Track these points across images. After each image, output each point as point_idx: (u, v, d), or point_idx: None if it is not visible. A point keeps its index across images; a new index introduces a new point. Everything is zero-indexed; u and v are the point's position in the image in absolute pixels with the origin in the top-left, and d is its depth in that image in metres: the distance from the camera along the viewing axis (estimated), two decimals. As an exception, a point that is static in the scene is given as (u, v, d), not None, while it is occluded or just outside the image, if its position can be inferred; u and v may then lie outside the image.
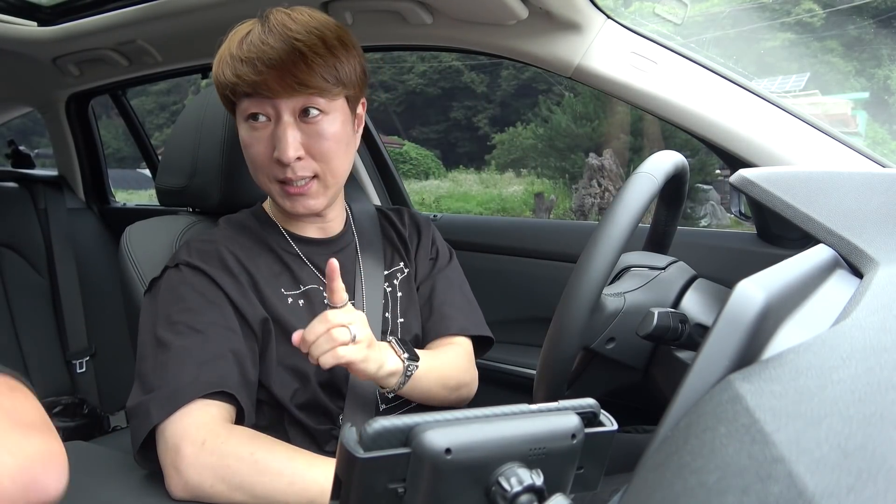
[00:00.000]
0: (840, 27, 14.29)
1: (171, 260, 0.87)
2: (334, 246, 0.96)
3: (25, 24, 1.53)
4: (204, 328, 0.79)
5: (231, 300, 0.83)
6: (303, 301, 0.89)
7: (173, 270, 0.85)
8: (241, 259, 0.87)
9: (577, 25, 1.06)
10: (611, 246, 0.64)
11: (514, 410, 0.38)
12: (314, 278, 0.91)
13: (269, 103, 0.81)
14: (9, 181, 1.97)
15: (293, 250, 0.92)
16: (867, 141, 9.97)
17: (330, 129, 0.83)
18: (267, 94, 0.80)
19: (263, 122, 0.82)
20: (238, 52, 0.80)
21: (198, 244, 0.88)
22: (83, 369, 1.85)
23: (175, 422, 0.73)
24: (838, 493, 0.24)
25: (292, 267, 0.91)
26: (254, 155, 0.84)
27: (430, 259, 1.05)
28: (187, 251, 0.87)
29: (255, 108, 0.82)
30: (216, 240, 0.89)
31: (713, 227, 8.94)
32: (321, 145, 0.83)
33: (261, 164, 0.84)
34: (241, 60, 0.79)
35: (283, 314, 0.85)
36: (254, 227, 0.94)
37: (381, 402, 0.91)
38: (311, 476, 0.71)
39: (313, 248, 0.94)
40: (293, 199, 0.86)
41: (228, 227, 0.93)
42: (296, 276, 0.90)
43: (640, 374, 0.74)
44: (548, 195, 12.22)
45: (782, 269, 0.48)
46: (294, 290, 0.89)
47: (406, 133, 19.40)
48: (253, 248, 0.90)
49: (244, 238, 0.91)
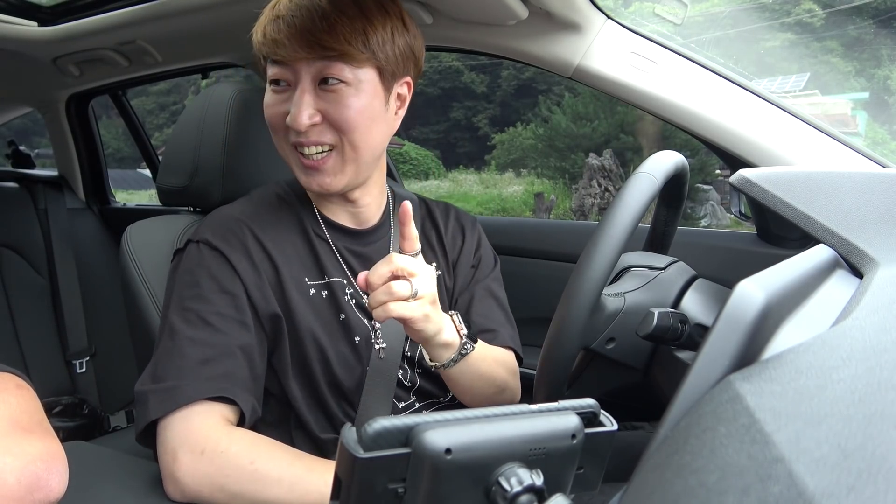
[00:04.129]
0: (840, 27, 14.29)
1: (193, 234, 0.84)
2: (367, 238, 0.91)
3: (25, 24, 1.52)
4: (214, 320, 0.77)
5: (246, 290, 0.80)
6: (326, 292, 0.85)
7: (193, 246, 0.82)
8: (264, 243, 0.82)
9: (577, 25, 1.06)
10: (611, 246, 0.64)
11: (514, 410, 0.38)
12: (340, 270, 0.87)
13: (290, 69, 0.77)
14: (9, 181, 1.97)
15: (324, 235, 0.87)
16: (867, 141, 9.98)
17: (354, 101, 0.77)
18: (284, 57, 0.75)
19: (283, 87, 0.79)
20: (270, 12, 0.78)
21: (222, 221, 0.84)
22: (83, 369, 1.85)
23: (174, 424, 0.72)
24: (838, 493, 0.24)
25: (319, 253, 0.86)
26: (269, 117, 0.81)
27: (471, 267, 0.98)
28: (210, 228, 0.83)
29: (278, 74, 0.78)
30: (242, 218, 0.84)
31: (713, 227, 8.94)
32: (340, 113, 0.77)
33: (276, 126, 0.81)
34: (271, 20, 0.77)
35: (301, 309, 0.82)
36: (289, 200, 0.89)
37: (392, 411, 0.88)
38: (310, 481, 0.70)
39: (344, 237, 0.89)
40: (308, 172, 0.81)
41: (259, 203, 0.88)
42: (321, 265, 0.86)
43: (640, 374, 0.74)
44: (548, 195, 12.22)
45: (782, 269, 0.48)
46: (318, 279, 0.85)
47: (406, 133, 19.40)
48: (281, 227, 0.85)
49: (273, 218, 0.86)
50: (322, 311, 0.85)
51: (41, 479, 0.50)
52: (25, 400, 0.58)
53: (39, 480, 0.50)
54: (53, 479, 0.51)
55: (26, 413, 0.56)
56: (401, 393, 0.89)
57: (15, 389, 0.59)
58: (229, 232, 0.82)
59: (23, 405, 0.57)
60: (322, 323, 0.84)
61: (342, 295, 0.86)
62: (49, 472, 0.51)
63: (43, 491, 0.50)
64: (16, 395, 0.58)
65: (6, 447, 0.50)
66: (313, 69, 0.76)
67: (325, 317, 0.85)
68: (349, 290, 0.87)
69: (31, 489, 0.49)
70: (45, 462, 0.51)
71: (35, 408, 0.59)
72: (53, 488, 0.51)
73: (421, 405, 0.91)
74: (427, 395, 0.92)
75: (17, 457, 0.49)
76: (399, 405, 0.89)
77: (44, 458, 0.51)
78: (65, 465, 0.54)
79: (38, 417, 0.58)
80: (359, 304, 0.87)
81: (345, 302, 0.86)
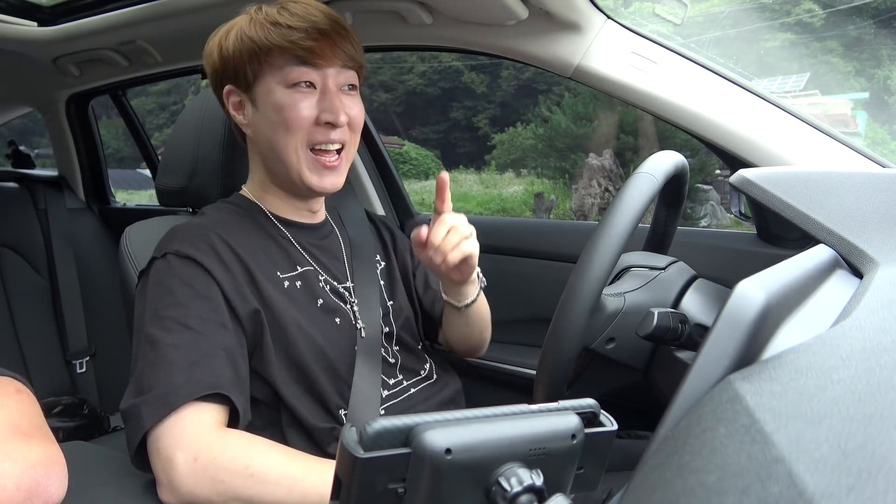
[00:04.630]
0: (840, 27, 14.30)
1: (157, 249, 0.85)
2: (322, 231, 0.98)
3: (25, 24, 1.52)
4: (195, 324, 0.77)
5: (222, 290, 0.80)
6: (300, 283, 0.88)
7: (161, 261, 0.82)
8: (232, 245, 0.85)
9: (577, 26, 1.06)
10: (611, 246, 0.64)
11: (514, 410, 0.38)
12: (306, 261, 0.92)
13: (319, 73, 0.85)
14: (9, 181, 1.97)
15: (283, 233, 0.92)
16: (867, 141, 9.97)
17: (359, 104, 0.90)
18: (319, 63, 0.84)
19: (310, 90, 0.85)
20: (282, 19, 0.83)
21: (186, 230, 0.85)
22: (83, 369, 1.85)
23: (167, 430, 0.71)
24: (838, 493, 0.24)
25: (285, 248, 0.91)
26: (294, 117, 0.84)
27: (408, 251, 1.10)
28: (176, 239, 0.84)
29: (305, 76, 0.84)
30: (206, 225, 0.86)
31: (713, 227, 8.94)
32: (355, 115, 0.88)
33: (300, 125, 0.84)
34: (291, 27, 0.83)
35: (278, 301, 0.84)
36: (243, 211, 0.93)
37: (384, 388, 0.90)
38: (308, 482, 0.70)
39: (301, 231, 0.95)
40: (322, 173, 0.88)
41: (216, 213, 0.92)
42: (291, 258, 0.90)
43: (640, 375, 0.74)
44: (548, 195, 12.22)
45: (782, 269, 0.48)
46: (290, 271, 0.89)
47: (406, 133, 19.41)
48: (244, 231, 0.89)
49: (234, 222, 0.90)
50: (299, 300, 0.87)
51: (40, 484, 0.50)
52: (25, 404, 0.58)
53: (39, 486, 0.50)
54: (53, 485, 0.51)
55: (26, 418, 0.57)
56: (387, 370, 0.92)
57: (15, 394, 0.59)
58: (196, 238, 0.84)
59: (22, 410, 0.57)
60: (302, 311, 0.86)
61: (316, 282, 0.90)
62: (48, 477, 0.51)
63: (42, 496, 0.50)
64: (15, 400, 0.58)
65: (6, 452, 0.50)
66: (339, 77, 0.86)
67: (304, 305, 0.87)
68: (322, 277, 0.92)
69: (30, 494, 0.49)
70: (45, 467, 0.51)
71: (34, 412, 0.59)
72: (52, 493, 0.51)
73: (408, 383, 0.95)
74: (411, 372, 0.96)
75: (16, 462, 0.50)
76: (390, 382, 0.91)
77: (43, 464, 0.51)
78: (64, 471, 0.54)
79: (37, 422, 0.58)
80: (333, 289, 0.92)
81: (320, 288, 0.90)
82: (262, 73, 0.85)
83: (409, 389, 0.93)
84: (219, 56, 0.88)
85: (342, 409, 0.86)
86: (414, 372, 0.97)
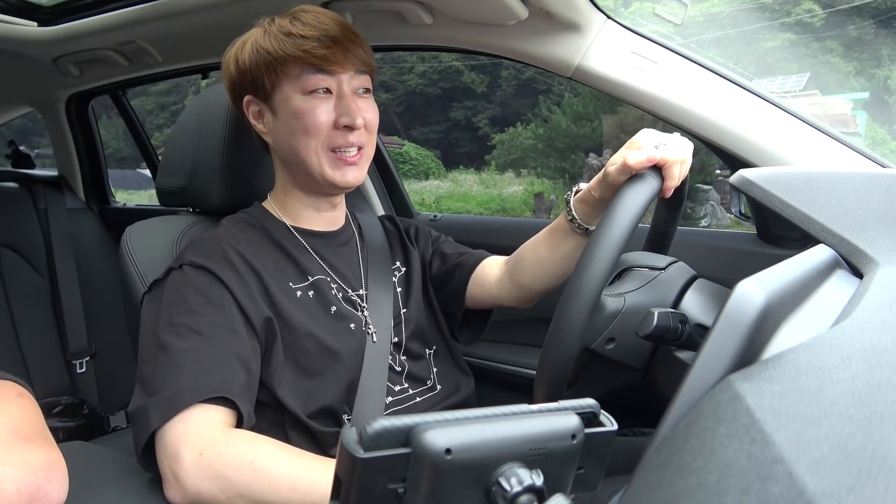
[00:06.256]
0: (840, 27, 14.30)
1: (174, 261, 0.88)
2: (339, 238, 1.00)
3: (25, 24, 1.52)
4: (206, 330, 0.78)
5: (236, 299, 0.82)
6: (312, 292, 0.90)
7: (177, 272, 0.85)
8: (246, 256, 0.87)
9: (577, 26, 1.06)
10: (611, 246, 0.64)
11: (514, 410, 0.38)
12: (320, 269, 0.93)
13: (334, 79, 0.87)
14: (9, 181, 1.97)
15: (299, 242, 0.94)
16: (867, 141, 9.98)
17: (373, 107, 0.93)
18: (334, 70, 0.87)
19: (326, 95, 0.88)
20: (294, 29, 0.86)
21: (201, 243, 0.88)
22: (83, 369, 1.85)
23: (173, 428, 0.72)
24: (838, 493, 0.24)
25: (298, 259, 0.92)
26: (313, 122, 0.87)
27: (431, 242, 1.12)
28: (191, 251, 0.87)
29: (321, 83, 0.87)
30: (220, 237, 0.89)
31: (713, 227, 8.94)
32: (370, 117, 0.91)
33: (320, 130, 0.87)
34: (304, 37, 0.85)
35: (291, 311, 0.86)
36: (257, 224, 0.95)
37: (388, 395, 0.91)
38: (312, 480, 0.70)
39: (318, 239, 0.97)
40: (344, 169, 0.90)
41: (232, 226, 0.94)
42: (302, 268, 0.92)
43: (640, 375, 0.74)
44: (548, 195, 12.22)
45: (782, 269, 0.48)
46: (302, 282, 0.90)
47: (406, 133, 19.42)
48: (258, 243, 0.91)
49: (249, 235, 0.92)
50: (312, 309, 0.88)
51: (41, 488, 0.50)
52: (26, 408, 0.59)
53: (39, 490, 0.50)
54: (53, 489, 0.52)
55: (27, 422, 0.57)
56: (394, 377, 0.93)
57: (16, 398, 0.59)
58: (211, 251, 0.86)
59: (23, 414, 0.57)
60: (315, 319, 0.87)
61: (328, 290, 0.92)
62: (49, 481, 0.51)
63: (43, 500, 0.50)
64: (16, 404, 0.58)
65: (7, 457, 0.50)
66: (354, 81, 0.89)
67: (316, 313, 0.89)
68: (334, 285, 0.93)
69: (31, 498, 0.49)
70: (46, 471, 0.52)
71: (35, 416, 0.59)
72: (53, 497, 0.51)
73: (414, 391, 0.95)
74: (416, 380, 0.96)
75: (17, 466, 0.50)
76: (395, 388, 0.92)
77: (44, 468, 0.52)
78: (65, 474, 0.54)
79: (38, 426, 0.58)
80: (346, 296, 0.93)
81: (332, 296, 0.91)
82: (280, 83, 0.87)
83: (415, 398, 0.94)
84: (236, 68, 0.90)
85: (346, 415, 0.87)
86: (420, 381, 0.97)
